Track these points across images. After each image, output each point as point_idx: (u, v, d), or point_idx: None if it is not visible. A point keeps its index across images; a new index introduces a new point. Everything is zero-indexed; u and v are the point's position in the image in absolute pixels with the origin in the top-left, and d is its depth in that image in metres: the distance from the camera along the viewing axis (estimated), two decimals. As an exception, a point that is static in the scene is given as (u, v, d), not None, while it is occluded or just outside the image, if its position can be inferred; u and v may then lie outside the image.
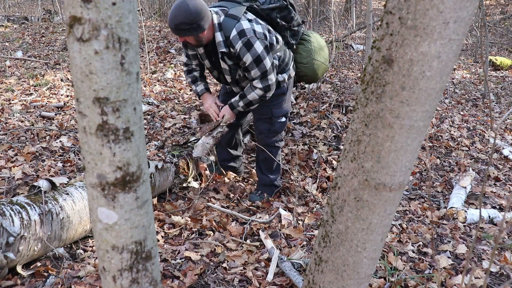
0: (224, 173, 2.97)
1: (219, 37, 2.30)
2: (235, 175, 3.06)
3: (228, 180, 2.95)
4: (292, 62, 2.64)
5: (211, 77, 3.03)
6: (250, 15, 2.37)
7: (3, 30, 8.45)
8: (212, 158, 2.84)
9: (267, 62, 2.33)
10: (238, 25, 2.27)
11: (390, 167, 0.93)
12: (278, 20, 2.51)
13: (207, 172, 2.76)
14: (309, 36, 2.73)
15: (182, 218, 2.40)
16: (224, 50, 2.32)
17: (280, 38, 2.52)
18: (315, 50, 2.71)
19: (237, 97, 2.50)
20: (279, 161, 2.79)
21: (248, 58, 2.29)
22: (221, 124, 2.60)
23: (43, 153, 3.11)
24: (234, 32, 2.26)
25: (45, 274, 1.84)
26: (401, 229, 2.49)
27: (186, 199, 2.70)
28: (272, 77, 2.39)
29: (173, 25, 2.20)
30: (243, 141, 3.41)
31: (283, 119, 2.67)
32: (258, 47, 2.28)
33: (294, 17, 2.59)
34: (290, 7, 2.56)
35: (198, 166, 2.74)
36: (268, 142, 2.69)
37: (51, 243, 1.87)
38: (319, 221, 2.26)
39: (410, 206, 2.80)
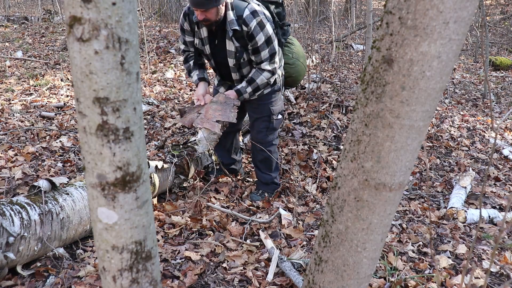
0: (228, 174, 3.00)
1: (231, 15, 2.36)
2: (236, 176, 3.07)
3: (229, 180, 2.96)
4: (283, 60, 2.73)
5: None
6: (256, 2, 2.46)
7: (3, 30, 8.45)
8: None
9: (276, 45, 2.42)
10: (250, 6, 2.36)
11: (390, 167, 0.93)
12: (274, 15, 2.60)
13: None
14: (292, 40, 2.85)
15: (182, 218, 2.40)
16: (237, 27, 2.35)
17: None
18: (298, 53, 2.83)
19: (243, 83, 2.51)
20: (277, 158, 2.83)
21: (261, 38, 2.36)
22: (234, 103, 2.52)
23: (43, 153, 3.11)
24: (247, 12, 2.34)
25: (45, 274, 1.84)
26: (401, 229, 2.49)
27: (186, 198, 2.70)
28: (277, 61, 2.47)
29: None
30: (243, 141, 3.42)
31: (280, 116, 2.75)
32: (269, 28, 2.38)
33: (285, 16, 2.70)
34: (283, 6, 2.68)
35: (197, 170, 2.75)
36: (267, 140, 2.73)
37: (51, 243, 1.87)
38: (319, 221, 2.26)
39: (410, 206, 2.79)
